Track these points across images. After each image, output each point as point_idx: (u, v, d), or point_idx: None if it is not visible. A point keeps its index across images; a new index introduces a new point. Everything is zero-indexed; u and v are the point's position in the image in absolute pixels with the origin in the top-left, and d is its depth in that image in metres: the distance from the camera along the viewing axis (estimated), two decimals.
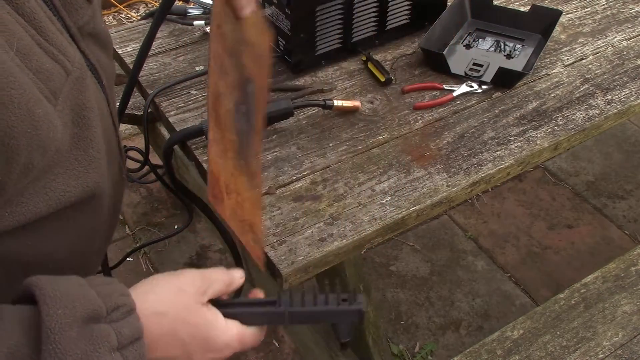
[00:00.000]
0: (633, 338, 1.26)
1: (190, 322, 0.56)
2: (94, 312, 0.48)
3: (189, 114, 1.17)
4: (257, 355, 1.75)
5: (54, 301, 0.46)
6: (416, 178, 1.05)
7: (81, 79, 0.56)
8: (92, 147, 0.57)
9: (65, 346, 0.45)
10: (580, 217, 2.15)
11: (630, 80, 1.29)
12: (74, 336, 0.46)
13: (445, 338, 1.80)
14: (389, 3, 1.29)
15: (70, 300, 0.47)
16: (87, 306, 0.48)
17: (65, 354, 0.45)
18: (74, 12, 0.58)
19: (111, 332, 0.49)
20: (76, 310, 0.47)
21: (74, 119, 0.55)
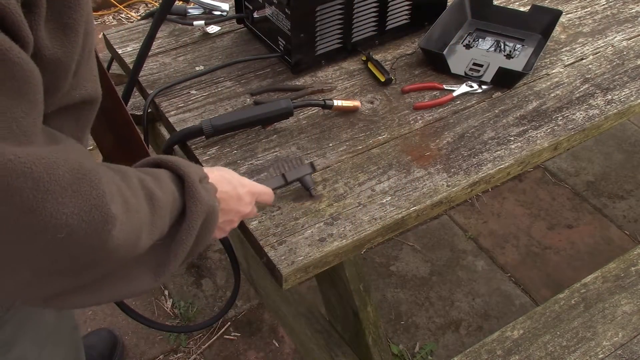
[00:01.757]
0: (633, 338, 1.26)
1: (231, 174, 0.85)
2: (200, 177, 0.72)
3: (189, 114, 1.17)
4: (257, 355, 1.75)
5: (188, 169, 0.70)
6: (416, 178, 1.05)
7: None
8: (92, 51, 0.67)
9: (199, 191, 0.69)
10: (580, 217, 2.15)
11: (630, 80, 1.29)
12: (200, 186, 0.70)
13: (445, 338, 1.80)
14: (389, 3, 1.29)
15: (192, 170, 0.71)
16: (199, 173, 0.72)
17: (200, 195, 0.69)
18: None
19: (211, 187, 0.74)
20: (197, 175, 0.71)
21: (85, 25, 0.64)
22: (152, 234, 0.62)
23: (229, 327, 1.82)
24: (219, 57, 1.32)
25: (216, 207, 0.73)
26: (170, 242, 0.67)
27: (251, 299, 1.88)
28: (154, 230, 0.62)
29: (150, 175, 0.66)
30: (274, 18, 1.24)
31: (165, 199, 0.64)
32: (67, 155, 0.52)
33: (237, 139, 1.12)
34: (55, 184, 0.49)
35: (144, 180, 0.63)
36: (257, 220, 0.98)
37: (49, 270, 0.54)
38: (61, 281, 0.57)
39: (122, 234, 0.55)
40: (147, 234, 0.61)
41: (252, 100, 1.21)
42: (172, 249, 0.67)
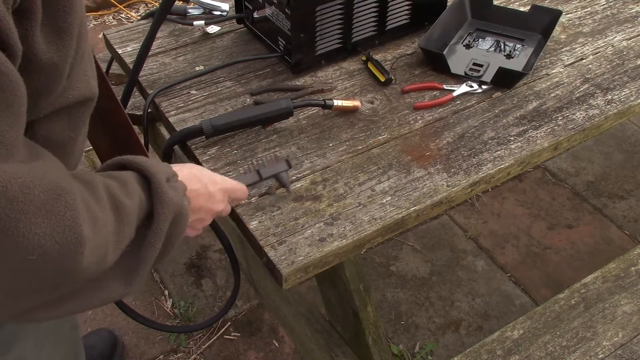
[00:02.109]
0: (633, 338, 1.26)
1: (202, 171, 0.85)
2: (168, 176, 0.71)
3: (189, 114, 1.17)
4: (257, 355, 1.75)
5: (154, 169, 0.69)
6: (416, 178, 1.05)
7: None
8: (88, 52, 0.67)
9: (167, 191, 0.68)
10: (580, 217, 2.15)
11: (630, 80, 1.29)
12: (168, 187, 0.69)
13: (445, 338, 1.80)
14: (389, 3, 1.29)
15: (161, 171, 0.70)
16: (166, 171, 0.72)
17: (167, 195, 0.68)
18: None
19: (181, 184, 0.74)
20: (164, 174, 0.70)
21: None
22: (119, 245, 0.61)
23: (229, 327, 1.82)
24: (219, 57, 1.32)
25: (185, 206, 0.72)
26: (139, 247, 0.66)
27: (251, 299, 1.88)
28: (121, 240, 0.62)
29: (117, 181, 0.65)
30: (274, 18, 1.24)
31: (132, 205, 0.63)
32: (44, 174, 0.51)
33: (237, 139, 1.12)
34: (30, 204, 0.48)
35: (109, 188, 0.62)
36: (257, 220, 0.98)
37: (19, 290, 0.54)
38: (31, 299, 0.56)
39: (92, 252, 0.55)
40: (114, 246, 0.60)
41: (252, 100, 1.21)
42: (141, 253, 0.66)
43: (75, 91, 0.64)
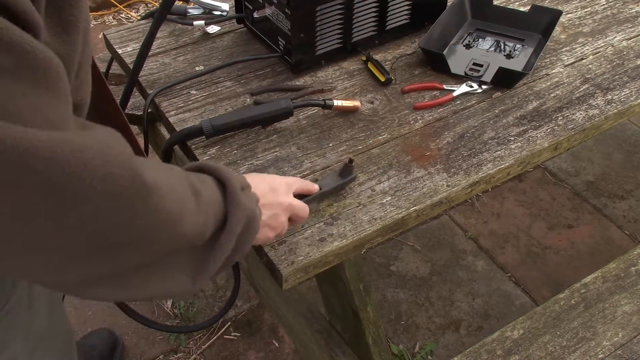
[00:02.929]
0: (633, 338, 1.26)
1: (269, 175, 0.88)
2: (242, 185, 0.73)
3: (189, 114, 1.17)
4: (257, 355, 1.75)
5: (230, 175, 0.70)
6: (416, 178, 1.05)
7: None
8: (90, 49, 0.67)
9: (241, 198, 0.69)
10: (580, 217, 2.15)
11: (630, 80, 1.29)
12: (240, 192, 0.70)
13: (445, 338, 1.80)
14: (389, 3, 1.29)
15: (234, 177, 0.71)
16: (241, 180, 0.73)
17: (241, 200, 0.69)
18: None
19: (253, 195, 0.75)
20: (238, 182, 0.71)
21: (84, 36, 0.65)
22: (195, 225, 0.62)
23: (229, 327, 1.82)
24: (219, 57, 1.32)
25: (257, 215, 0.73)
26: (211, 246, 0.67)
27: (251, 299, 1.88)
28: (198, 221, 0.62)
29: (196, 176, 0.67)
30: (274, 18, 1.24)
31: (209, 198, 0.65)
32: (97, 139, 0.50)
33: (237, 139, 1.12)
34: (83, 168, 0.48)
35: (189, 176, 0.65)
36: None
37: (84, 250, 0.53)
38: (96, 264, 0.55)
39: (164, 201, 0.55)
40: (191, 222, 0.60)
41: (252, 100, 1.21)
42: (212, 253, 0.67)
43: (83, 93, 0.64)
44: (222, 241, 0.67)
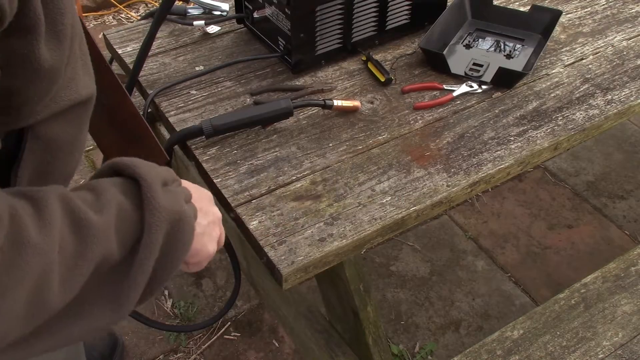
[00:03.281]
0: (633, 338, 1.26)
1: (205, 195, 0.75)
2: (165, 180, 0.63)
3: (189, 114, 1.17)
4: (257, 355, 1.75)
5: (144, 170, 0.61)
6: (416, 178, 1.05)
7: None
8: (83, 44, 0.66)
9: (157, 196, 0.59)
10: (580, 217, 2.15)
11: (630, 80, 1.29)
12: (161, 189, 0.61)
13: (445, 338, 1.80)
14: (389, 3, 1.29)
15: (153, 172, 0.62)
16: (166, 174, 0.64)
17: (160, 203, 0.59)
18: None
19: (182, 189, 0.66)
20: (158, 178, 0.62)
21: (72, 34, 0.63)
22: (81, 269, 0.52)
23: (229, 327, 1.82)
24: (219, 57, 1.32)
25: (186, 212, 0.62)
26: (129, 265, 0.58)
27: (251, 299, 1.88)
28: (86, 262, 0.53)
29: (91, 192, 0.57)
30: (274, 18, 1.24)
31: (101, 220, 0.54)
32: None
33: (237, 139, 1.12)
34: None
35: (70, 203, 0.54)
36: (257, 220, 0.98)
37: None
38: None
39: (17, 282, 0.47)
40: (71, 271, 0.52)
41: (252, 100, 1.21)
42: (131, 273, 0.57)
43: (68, 91, 0.61)
44: (140, 257, 0.57)
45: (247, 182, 1.03)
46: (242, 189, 1.02)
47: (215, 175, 1.05)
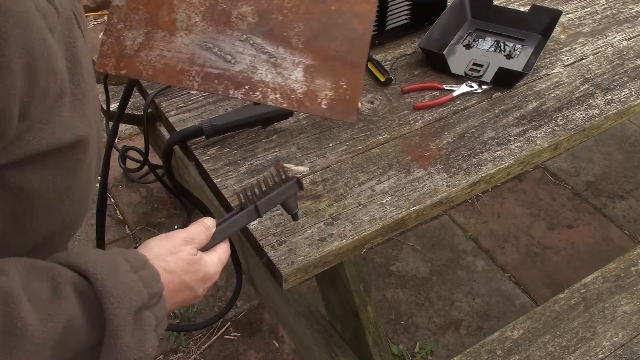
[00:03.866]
0: (633, 338, 1.26)
1: (192, 270, 0.69)
2: (142, 304, 0.57)
3: (189, 114, 1.17)
4: (257, 355, 1.75)
5: (118, 301, 0.54)
6: (416, 178, 1.05)
7: (70, 19, 0.60)
8: (83, 81, 0.61)
9: (127, 340, 0.54)
10: (580, 217, 2.15)
11: (630, 80, 1.29)
12: (131, 329, 0.55)
13: (445, 338, 1.80)
14: (389, 3, 1.29)
15: (128, 298, 0.55)
16: (138, 300, 0.57)
17: (127, 347, 0.54)
18: None
19: (152, 317, 0.60)
20: (132, 307, 0.55)
21: (66, 55, 0.59)
22: None
23: (229, 327, 1.82)
24: None
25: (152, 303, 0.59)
26: None
27: (251, 299, 1.88)
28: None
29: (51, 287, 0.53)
30: None
31: (44, 332, 0.50)
32: None
33: (237, 139, 1.12)
34: None
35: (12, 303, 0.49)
36: (257, 220, 0.98)
37: None
38: None
39: None
40: None
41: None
42: None
43: (40, 134, 0.55)
44: None
45: (247, 182, 1.03)
46: (242, 189, 1.02)
47: (215, 175, 1.05)
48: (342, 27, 0.82)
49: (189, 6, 0.81)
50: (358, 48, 0.82)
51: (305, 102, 0.82)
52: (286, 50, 0.82)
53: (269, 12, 0.82)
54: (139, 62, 0.81)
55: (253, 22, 0.81)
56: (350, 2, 0.82)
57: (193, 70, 0.81)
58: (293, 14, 0.82)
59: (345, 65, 0.81)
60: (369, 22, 0.82)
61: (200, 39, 0.81)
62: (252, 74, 0.81)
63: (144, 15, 0.81)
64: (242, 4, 0.81)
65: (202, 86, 0.81)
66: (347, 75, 0.81)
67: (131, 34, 0.81)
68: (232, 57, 0.81)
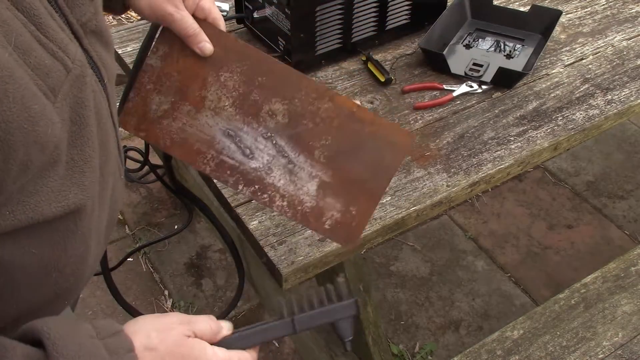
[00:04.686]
0: (633, 338, 1.26)
1: (179, 352, 0.59)
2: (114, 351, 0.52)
3: None
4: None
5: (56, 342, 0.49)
6: (416, 178, 1.05)
7: (81, 76, 0.55)
8: (89, 145, 0.57)
9: None
10: (580, 217, 2.15)
11: (630, 80, 1.29)
12: None
13: (445, 338, 1.80)
14: (389, 3, 1.29)
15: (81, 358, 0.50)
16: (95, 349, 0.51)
17: None
18: (76, 8, 0.58)
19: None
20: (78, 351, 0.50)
21: (72, 116, 0.55)
22: None
23: None
24: None
25: None
26: None
27: (251, 299, 1.88)
28: None
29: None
30: (274, 18, 1.24)
31: None
32: None
33: None
34: None
35: None
36: (257, 220, 0.98)
37: None
38: None
39: None
40: None
41: None
42: None
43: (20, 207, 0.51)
44: None
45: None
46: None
47: None
48: (371, 152, 0.78)
49: (222, 87, 0.77)
50: (380, 178, 0.79)
51: (309, 218, 0.79)
52: (307, 159, 0.78)
53: (301, 116, 0.78)
54: (159, 130, 0.78)
55: (282, 122, 0.78)
56: (387, 129, 0.78)
57: (209, 154, 0.78)
58: (325, 124, 0.78)
59: (362, 191, 0.79)
60: (400, 155, 0.79)
61: (225, 124, 0.78)
62: (266, 175, 0.78)
63: (176, 84, 0.78)
64: (276, 101, 0.78)
65: (214, 172, 0.78)
66: (360, 202, 0.79)
67: (158, 98, 0.78)
68: (251, 152, 0.78)
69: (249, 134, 0.78)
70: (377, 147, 0.78)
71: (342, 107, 0.78)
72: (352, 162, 0.78)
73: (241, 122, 0.78)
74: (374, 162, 0.79)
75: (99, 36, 0.63)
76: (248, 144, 0.78)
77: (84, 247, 0.61)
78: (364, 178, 0.79)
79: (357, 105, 0.79)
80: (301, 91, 0.78)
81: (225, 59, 0.77)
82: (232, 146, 0.78)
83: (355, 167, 0.79)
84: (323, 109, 0.78)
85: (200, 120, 0.78)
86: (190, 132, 0.78)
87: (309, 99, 0.78)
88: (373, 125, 0.78)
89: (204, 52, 0.76)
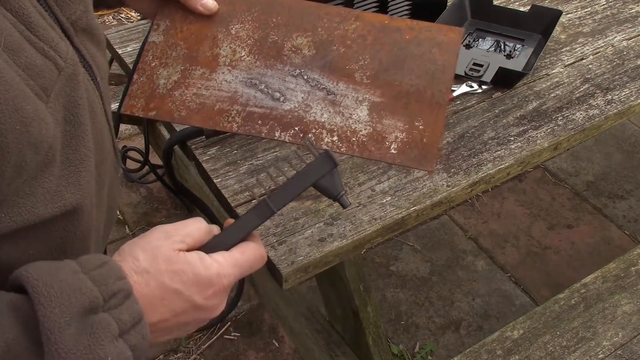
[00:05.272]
0: (633, 338, 1.26)
1: (174, 270, 0.56)
2: (91, 304, 0.49)
3: None
4: (257, 355, 1.75)
5: (48, 300, 0.46)
6: (416, 178, 1.05)
7: (74, 75, 0.55)
8: (84, 144, 0.56)
9: (67, 344, 0.46)
10: (580, 217, 2.15)
11: (630, 80, 1.29)
12: (73, 332, 0.47)
13: (445, 338, 1.80)
14: (389, 3, 1.29)
15: (65, 295, 0.47)
16: (83, 299, 0.48)
17: (68, 353, 0.46)
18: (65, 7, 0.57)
19: (111, 320, 0.50)
20: (72, 306, 0.47)
21: (65, 116, 0.54)
22: None
23: (229, 327, 1.82)
24: None
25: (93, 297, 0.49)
26: None
27: (251, 299, 1.88)
28: None
29: None
30: None
31: None
32: None
33: (237, 139, 1.12)
34: None
35: None
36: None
37: None
38: None
39: None
40: None
41: None
42: None
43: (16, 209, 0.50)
44: None
45: (247, 182, 1.03)
46: (242, 189, 1.02)
47: (215, 175, 1.05)
48: (420, 59, 0.71)
49: (235, 39, 0.71)
50: (439, 82, 0.71)
51: (369, 146, 0.71)
52: (348, 85, 0.71)
53: (328, 43, 0.71)
54: (172, 102, 0.71)
55: (309, 55, 0.71)
56: (431, 30, 0.71)
57: (233, 110, 0.71)
58: (358, 45, 0.71)
59: (422, 102, 0.70)
60: (453, 53, 0.72)
61: (245, 74, 0.71)
62: (305, 113, 0.71)
63: (183, 52, 0.72)
64: (297, 35, 0.71)
65: (243, 128, 0.71)
66: (424, 113, 0.70)
67: (166, 71, 0.72)
68: (282, 95, 0.71)
69: (275, 77, 0.72)
70: (424, 51, 0.71)
71: (372, 22, 0.71)
72: (400, 74, 0.71)
73: (263, 67, 0.72)
74: (426, 67, 0.71)
75: (90, 34, 0.62)
76: (276, 87, 0.72)
77: (83, 247, 0.60)
78: (420, 87, 0.71)
79: (388, 17, 0.72)
80: (322, 19, 0.72)
81: (232, 12, 0.72)
82: (258, 94, 0.72)
83: (405, 79, 0.71)
84: (351, 29, 0.71)
85: (217, 79, 0.72)
86: (207, 95, 0.71)
87: (332, 24, 0.72)
88: (412, 30, 0.72)
89: (208, 8, 0.72)
